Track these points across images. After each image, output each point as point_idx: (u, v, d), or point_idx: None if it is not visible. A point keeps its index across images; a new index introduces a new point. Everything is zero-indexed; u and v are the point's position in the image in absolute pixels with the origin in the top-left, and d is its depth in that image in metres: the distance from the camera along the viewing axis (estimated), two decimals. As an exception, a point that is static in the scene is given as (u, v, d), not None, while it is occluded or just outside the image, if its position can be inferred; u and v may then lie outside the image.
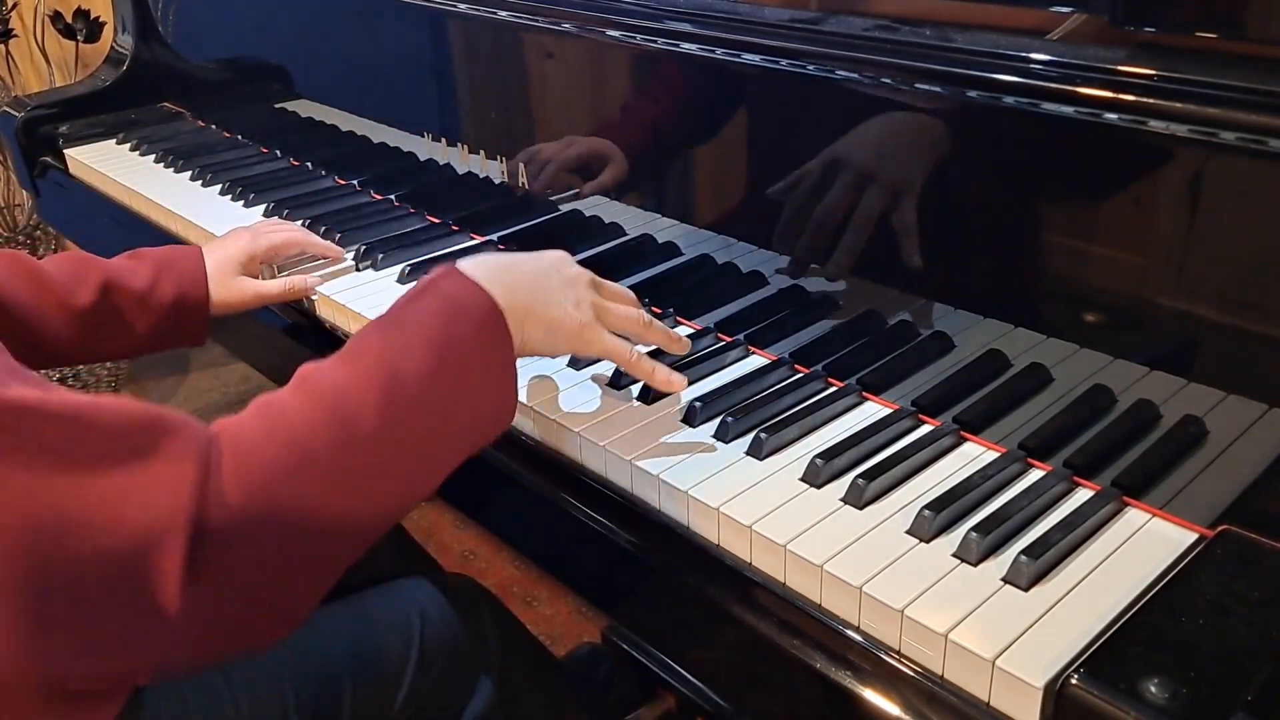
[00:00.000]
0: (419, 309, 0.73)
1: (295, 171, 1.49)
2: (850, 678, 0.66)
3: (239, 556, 0.60)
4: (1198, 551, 0.68)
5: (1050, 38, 0.74)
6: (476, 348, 0.73)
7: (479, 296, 0.74)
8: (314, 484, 0.63)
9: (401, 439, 0.67)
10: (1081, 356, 0.77)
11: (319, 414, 0.65)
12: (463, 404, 0.72)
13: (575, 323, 0.79)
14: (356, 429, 0.65)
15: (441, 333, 0.71)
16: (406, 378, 0.68)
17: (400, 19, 1.24)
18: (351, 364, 0.69)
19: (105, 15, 2.03)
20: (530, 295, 0.78)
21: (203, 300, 1.04)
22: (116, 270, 1.01)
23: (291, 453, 0.63)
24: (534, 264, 0.81)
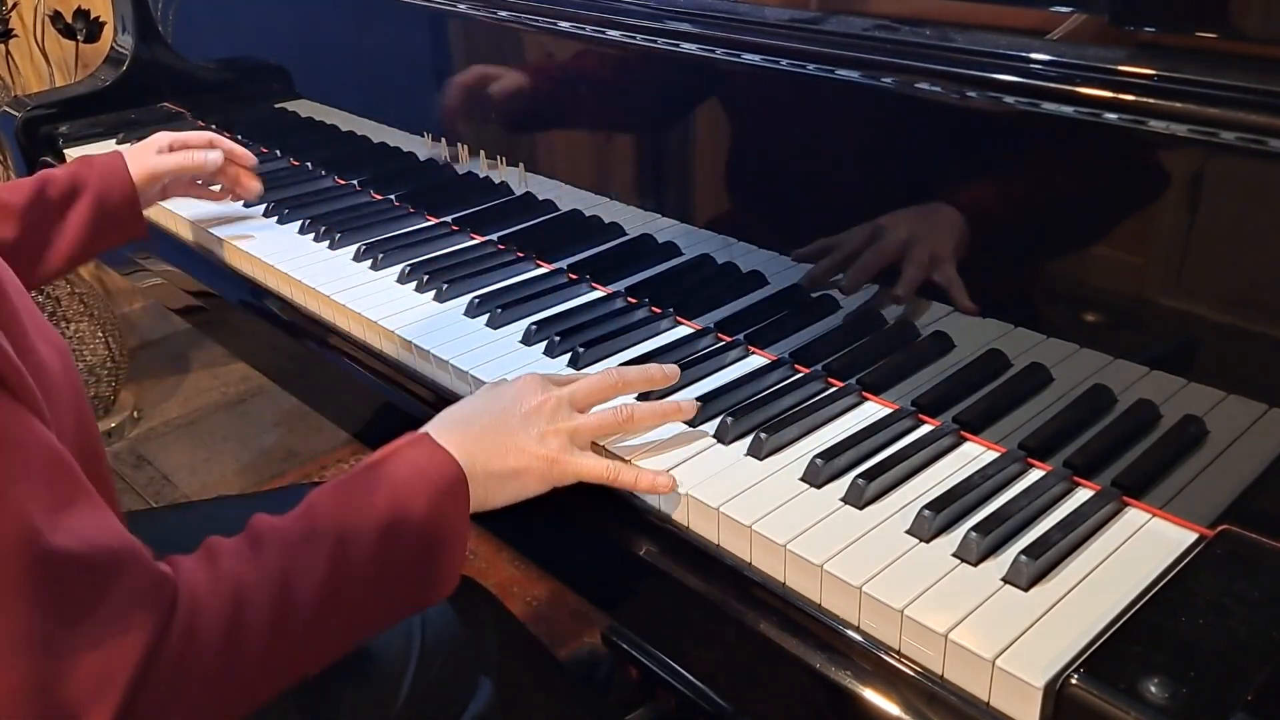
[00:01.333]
0: (380, 474, 0.73)
1: (295, 171, 1.49)
2: (850, 678, 0.66)
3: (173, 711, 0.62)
4: (1198, 551, 0.68)
5: (1050, 38, 0.74)
6: (431, 514, 0.73)
7: (442, 461, 0.75)
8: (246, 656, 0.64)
9: (336, 618, 0.69)
10: (1081, 356, 0.77)
11: (264, 586, 0.66)
12: (407, 577, 0.72)
13: (542, 462, 0.78)
14: (294, 608, 0.66)
15: (397, 500, 0.71)
16: (355, 551, 0.69)
17: (400, 19, 1.24)
18: (305, 530, 0.69)
19: (105, 15, 2.03)
20: (492, 451, 0.77)
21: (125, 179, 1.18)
22: (44, 174, 1.15)
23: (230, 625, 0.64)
24: (495, 410, 0.80)
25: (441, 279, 1.10)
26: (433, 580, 0.74)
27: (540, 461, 0.78)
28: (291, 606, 0.66)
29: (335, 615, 0.69)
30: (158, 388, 2.50)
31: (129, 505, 2.06)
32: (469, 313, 1.05)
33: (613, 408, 0.82)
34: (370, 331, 1.06)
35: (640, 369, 0.87)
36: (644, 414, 0.82)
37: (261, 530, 0.69)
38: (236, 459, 2.23)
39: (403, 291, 1.11)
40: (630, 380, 0.85)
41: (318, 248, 1.23)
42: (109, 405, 2.34)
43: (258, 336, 1.23)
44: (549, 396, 0.81)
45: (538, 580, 1.81)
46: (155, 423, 2.38)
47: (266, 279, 1.20)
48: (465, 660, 0.93)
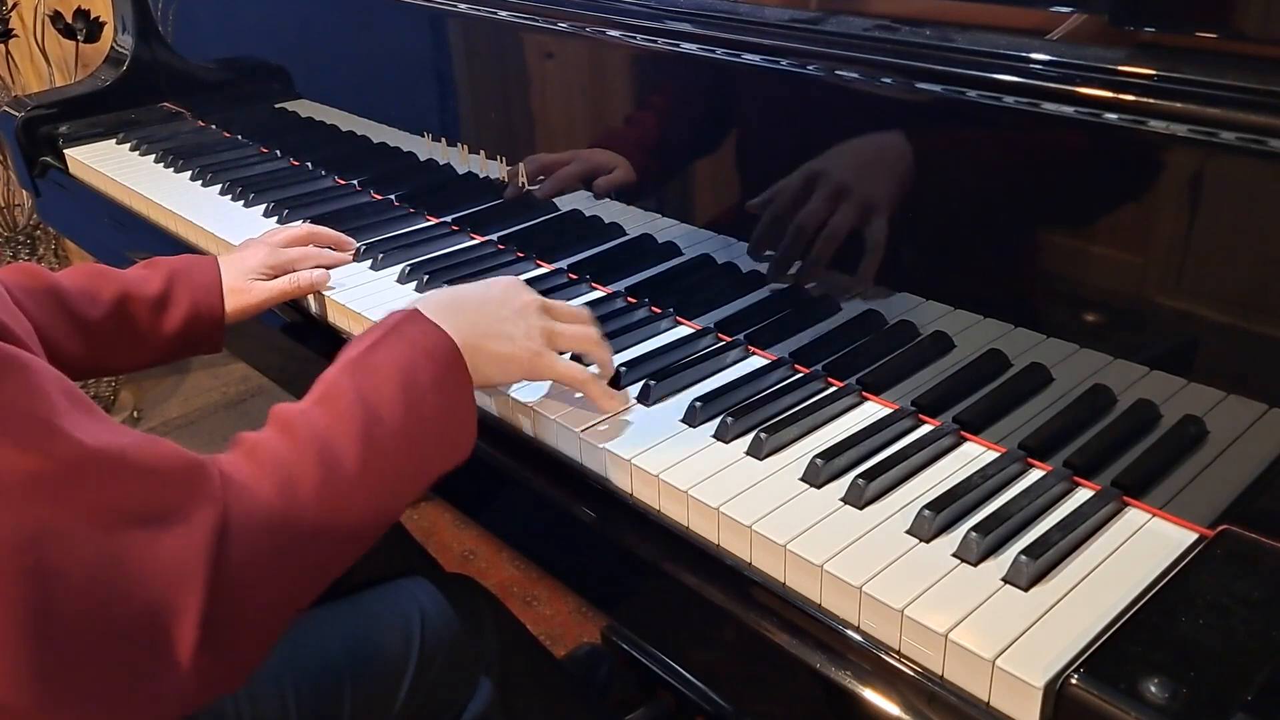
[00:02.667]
0: (384, 353, 0.76)
1: (295, 171, 1.49)
2: (850, 678, 0.66)
3: (248, 613, 0.63)
4: (1198, 551, 0.68)
5: (1050, 38, 0.74)
6: (441, 387, 0.76)
7: (439, 338, 0.78)
8: (305, 528, 0.67)
9: (379, 478, 0.71)
10: (1081, 356, 0.77)
11: (306, 460, 0.68)
12: (431, 440, 0.76)
13: (526, 353, 0.83)
14: (340, 473, 0.69)
15: (409, 376, 0.75)
16: (381, 421, 0.72)
17: (400, 19, 1.24)
18: (329, 409, 0.72)
19: (105, 15, 2.03)
20: (482, 332, 0.81)
21: (218, 308, 1.04)
22: (131, 281, 1.00)
23: (285, 500, 0.66)
24: (485, 297, 0.85)
25: (442, 279, 1.10)
26: (453, 444, 0.78)
27: (525, 353, 0.83)
28: (336, 474, 0.68)
29: (378, 477, 0.71)
30: (158, 388, 2.50)
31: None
32: (469, 313, 1.05)
33: (590, 331, 0.89)
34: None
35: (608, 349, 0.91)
36: (606, 349, 0.89)
37: (287, 416, 0.71)
38: (236, 459, 2.23)
39: (403, 291, 1.11)
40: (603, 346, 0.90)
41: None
42: (109, 405, 2.34)
43: (258, 336, 1.23)
44: (534, 299, 0.87)
45: (538, 580, 1.81)
46: (155, 423, 2.38)
47: (266, 279, 1.20)
48: (465, 660, 0.93)
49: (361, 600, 0.91)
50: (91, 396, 2.27)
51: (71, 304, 0.96)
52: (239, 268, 1.07)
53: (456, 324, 0.79)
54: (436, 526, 1.94)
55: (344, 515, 0.69)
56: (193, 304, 1.02)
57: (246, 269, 1.07)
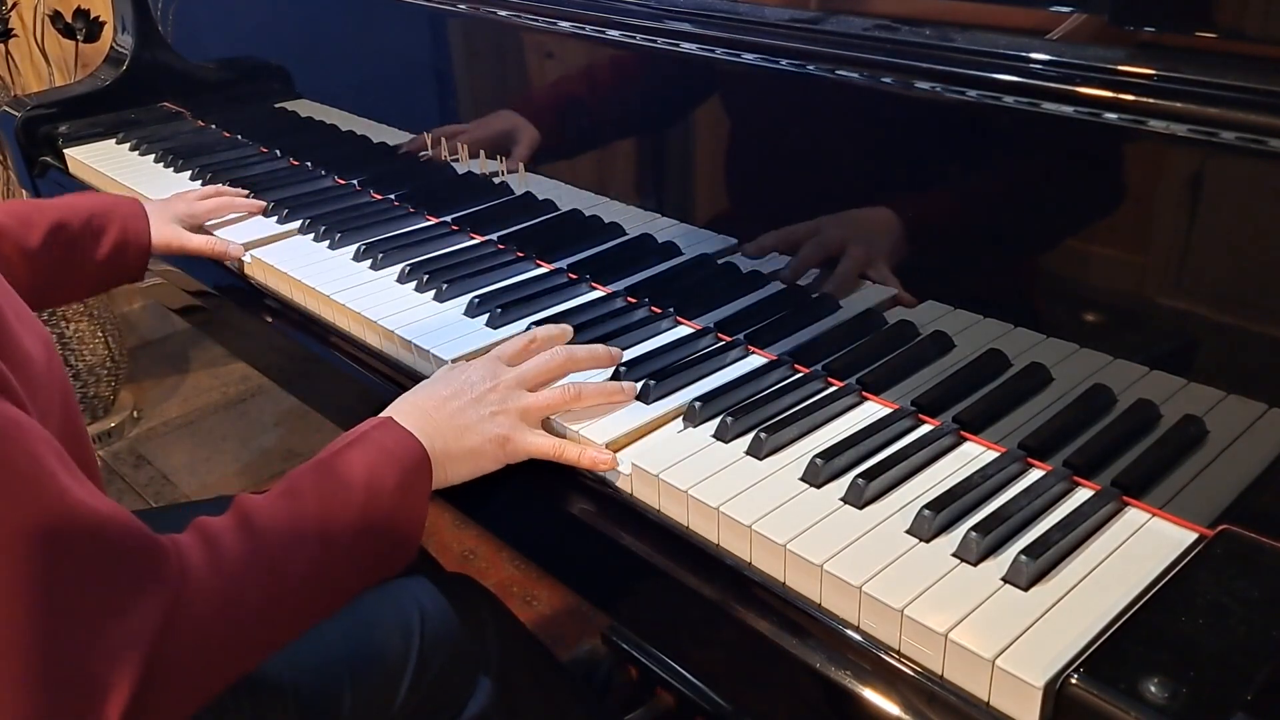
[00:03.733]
0: (354, 454, 0.78)
1: (295, 171, 1.49)
2: (850, 677, 0.66)
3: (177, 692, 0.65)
4: (1198, 551, 0.68)
5: (1050, 37, 0.74)
6: (402, 490, 0.78)
7: (409, 444, 0.80)
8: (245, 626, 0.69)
9: (323, 585, 0.74)
10: (1081, 356, 0.77)
11: (257, 565, 0.70)
12: (381, 543, 0.78)
13: (494, 442, 0.83)
14: (287, 582, 0.71)
15: (374, 478, 0.77)
16: (335, 527, 0.74)
17: (400, 19, 1.24)
18: (290, 506, 0.74)
19: (105, 15, 2.03)
20: (449, 433, 0.83)
21: (144, 236, 1.17)
22: (62, 209, 1.11)
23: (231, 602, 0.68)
24: (450, 393, 0.85)
25: (441, 279, 1.10)
26: (400, 550, 0.80)
27: (493, 443, 0.83)
28: (284, 581, 0.71)
29: (321, 585, 0.74)
30: (158, 388, 2.50)
31: (129, 505, 2.06)
32: (469, 313, 1.05)
33: (561, 387, 0.87)
34: (370, 331, 1.06)
35: (588, 348, 0.93)
36: (591, 392, 0.87)
37: (249, 511, 0.73)
38: (236, 459, 2.23)
39: (402, 291, 1.11)
40: (579, 359, 0.91)
41: (318, 248, 1.23)
42: (109, 405, 2.34)
43: (258, 336, 1.23)
44: (499, 380, 0.87)
45: (538, 580, 1.81)
46: (155, 423, 2.38)
47: (266, 279, 1.20)
48: (465, 660, 0.93)
49: (361, 600, 0.91)
50: (91, 397, 2.28)
51: (9, 234, 1.05)
52: (161, 208, 1.22)
53: (425, 430, 0.82)
54: (436, 526, 1.94)
55: (287, 615, 0.72)
56: (121, 230, 1.14)
57: (169, 211, 1.22)
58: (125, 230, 1.15)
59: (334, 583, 0.75)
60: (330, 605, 0.76)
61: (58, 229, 1.09)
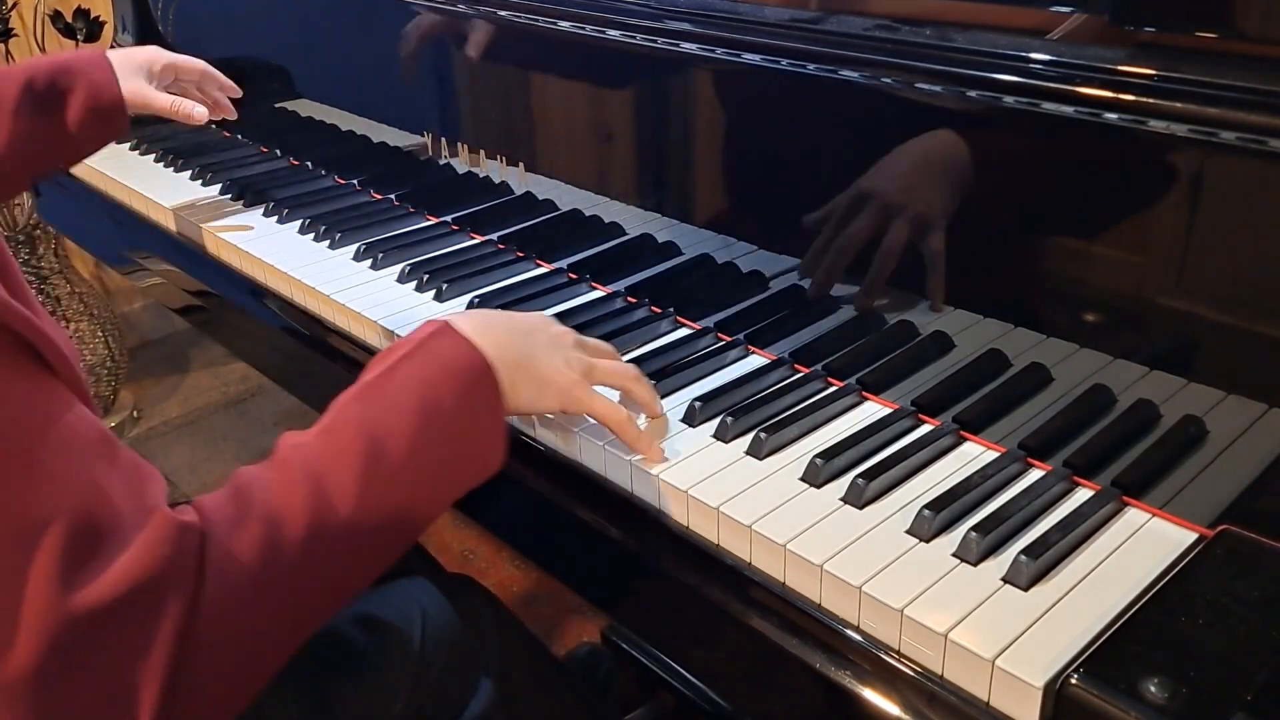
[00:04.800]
0: (405, 372, 0.71)
1: (295, 171, 1.49)
2: (850, 677, 0.66)
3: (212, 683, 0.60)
4: (1198, 551, 0.68)
5: (1050, 37, 0.74)
6: (465, 406, 0.71)
7: (469, 354, 0.73)
8: (284, 590, 0.63)
9: (379, 517, 0.67)
10: (1081, 356, 0.77)
11: (296, 498, 0.64)
12: (447, 468, 0.71)
13: (566, 379, 0.79)
14: (331, 515, 0.64)
15: (429, 397, 0.70)
16: (388, 453, 0.67)
17: (400, 19, 1.23)
18: (329, 441, 0.68)
19: (105, 15, 2.03)
20: (520, 351, 0.77)
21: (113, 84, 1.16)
22: (27, 68, 1.11)
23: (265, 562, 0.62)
24: (521, 320, 0.81)
25: (441, 279, 1.10)
26: (474, 466, 0.73)
27: (564, 379, 0.79)
28: (325, 521, 0.64)
29: (373, 521, 0.66)
30: (158, 388, 2.50)
31: (129, 505, 2.06)
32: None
33: (627, 367, 0.85)
34: (370, 331, 1.06)
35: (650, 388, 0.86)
36: (645, 390, 0.84)
37: (287, 451, 0.67)
38: (236, 459, 2.23)
39: (402, 291, 1.11)
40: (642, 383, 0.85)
41: (318, 247, 1.23)
42: (109, 405, 2.34)
43: (258, 336, 1.23)
44: (571, 332, 0.84)
45: (538, 580, 1.81)
46: (155, 422, 2.38)
47: (267, 278, 1.20)
48: (465, 660, 0.93)
49: (361, 600, 0.90)
50: (91, 396, 2.27)
51: None
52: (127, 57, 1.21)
53: (494, 340, 0.75)
54: (436, 527, 1.93)
55: (328, 563, 0.65)
56: (90, 84, 1.14)
57: (135, 62, 1.21)
58: (94, 84, 1.15)
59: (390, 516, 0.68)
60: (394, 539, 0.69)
61: (27, 86, 1.09)
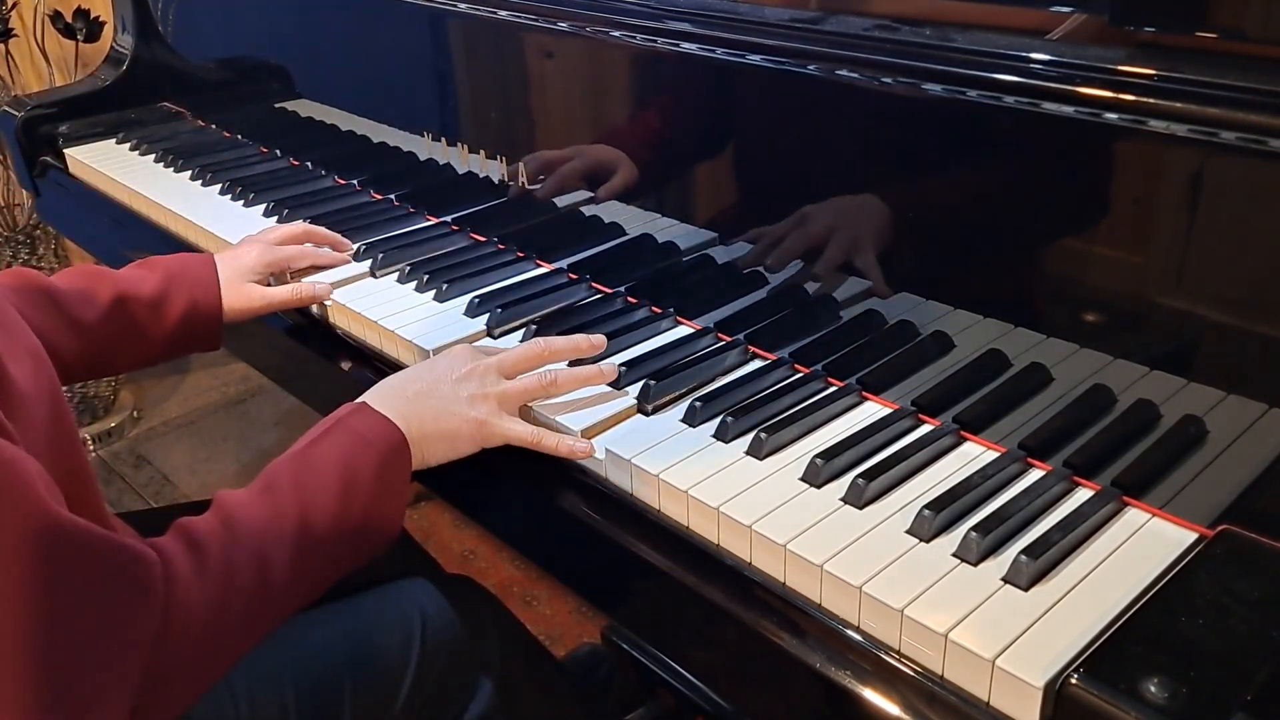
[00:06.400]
0: (329, 445, 0.79)
1: (295, 171, 1.49)
2: (850, 677, 0.66)
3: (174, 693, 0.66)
4: (1198, 551, 0.68)
5: (1050, 37, 0.74)
6: (379, 477, 0.79)
7: (384, 428, 0.81)
8: (235, 622, 0.70)
9: (307, 575, 0.75)
10: (1081, 356, 0.77)
11: (242, 564, 0.71)
12: (360, 530, 0.78)
13: (471, 424, 0.84)
14: (272, 577, 0.72)
15: (349, 468, 0.77)
16: (317, 515, 0.75)
17: (400, 19, 1.23)
18: (269, 501, 0.74)
19: (105, 15, 2.03)
20: (425, 415, 0.83)
21: (215, 307, 1.04)
22: (127, 280, 1.00)
23: (219, 602, 0.68)
24: (428, 378, 0.86)
25: (441, 279, 1.10)
26: (382, 534, 0.80)
27: (470, 424, 0.84)
28: (268, 577, 0.71)
29: (305, 577, 0.75)
30: (158, 388, 2.50)
31: (129, 505, 2.06)
32: (469, 313, 1.05)
33: (537, 374, 0.88)
34: (370, 331, 1.06)
35: (567, 338, 0.93)
36: (566, 379, 0.88)
37: (230, 511, 0.73)
38: (236, 459, 2.23)
39: (403, 291, 1.11)
40: (557, 349, 0.91)
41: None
42: (109, 405, 2.34)
43: (258, 336, 1.23)
44: (478, 364, 0.87)
45: (538, 580, 1.81)
46: (155, 423, 2.38)
47: (266, 279, 1.20)
48: (465, 660, 0.93)
49: (361, 601, 0.91)
50: (91, 396, 2.28)
51: (67, 306, 0.96)
52: (235, 266, 1.07)
53: (401, 412, 0.82)
54: (436, 526, 1.94)
55: (271, 609, 0.73)
56: (190, 303, 1.02)
57: (243, 268, 1.07)
58: (194, 302, 1.02)
59: (318, 572, 0.76)
60: (316, 591, 0.77)
61: (119, 303, 0.99)
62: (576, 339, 0.93)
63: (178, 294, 1.01)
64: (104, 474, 2.19)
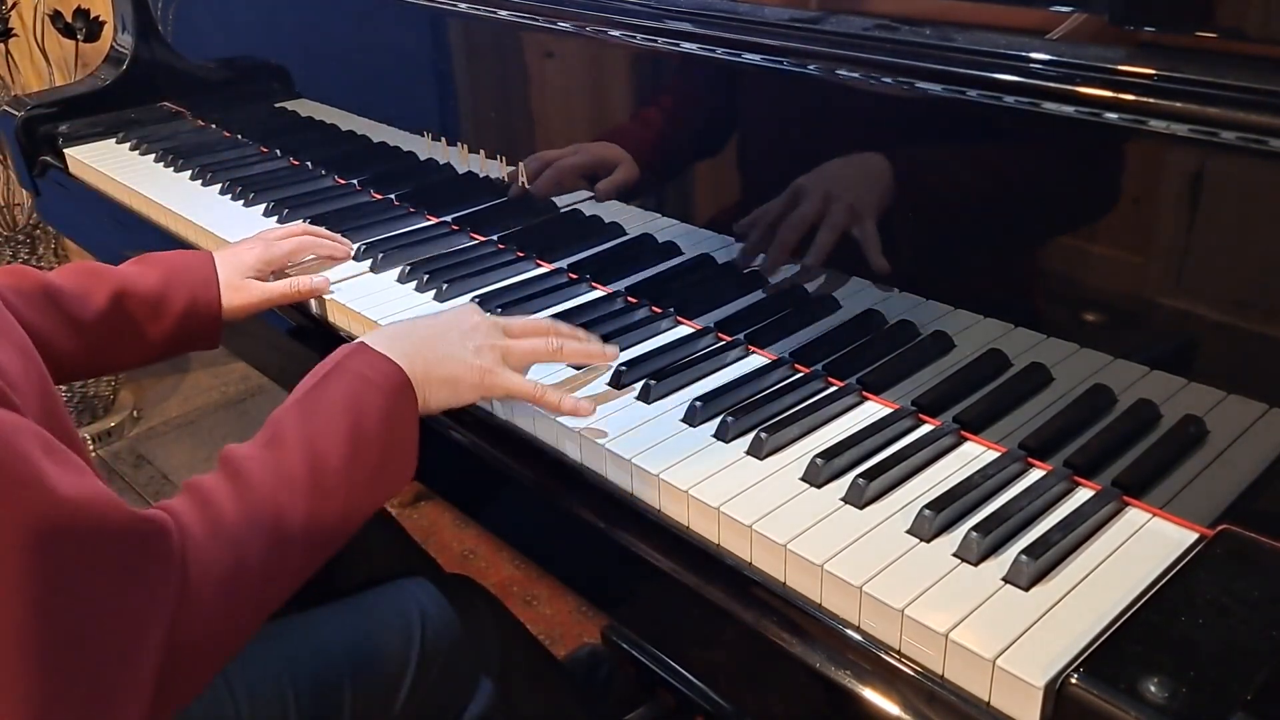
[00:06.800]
0: (332, 387, 0.77)
1: (295, 171, 1.49)
2: (850, 677, 0.66)
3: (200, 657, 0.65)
4: (1198, 551, 0.68)
5: (1050, 37, 0.74)
6: (386, 417, 0.77)
7: (386, 368, 0.79)
8: (253, 578, 0.68)
9: (322, 522, 0.73)
10: (1081, 356, 0.77)
11: (254, 515, 0.69)
12: (375, 474, 0.76)
13: (476, 371, 0.83)
14: (286, 526, 0.70)
15: (356, 409, 0.76)
16: (327, 463, 0.73)
17: (400, 19, 1.23)
18: (277, 454, 0.73)
19: (105, 15, 2.03)
20: (430, 357, 0.82)
21: (214, 305, 1.03)
22: (126, 278, 1.00)
23: (235, 557, 0.67)
24: (434, 323, 0.86)
25: (441, 279, 1.10)
26: (396, 475, 0.79)
27: (475, 371, 0.83)
28: (283, 532, 0.70)
29: (321, 528, 0.73)
30: (158, 387, 2.50)
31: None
32: (469, 312, 1.05)
33: (544, 338, 0.89)
34: (370, 331, 1.06)
35: (572, 327, 0.93)
36: (572, 350, 0.89)
37: (238, 466, 0.71)
38: (236, 459, 2.23)
39: (403, 291, 1.11)
40: (561, 330, 0.91)
41: (318, 247, 1.23)
42: (109, 405, 2.34)
43: (258, 336, 1.23)
44: (484, 320, 0.88)
45: (538, 580, 1.81)
46: (155, 422, 2.38)
47: (266, 279, 1.20)
48: (465, 660, 0.93)
49: (361, 601, 0.91)
50: (91, 396, 2.28)
51: (65, 303, 0.96)
52: (235, 264, 1.07)
53: (404, 352, 0.80)
54: (436, 526, 1.94)
55: (290, 566, 0.71)
56: (190, 301, 1.01)
57: (243, 265, 1.07)
58: (194, 300, 1.02)
59: (334, 522, 0.74)
60: (334, 544, 0.75)
61: (118, 301, 0.98)
62: (577, 330, 0.93)
63: (177, 292, 1.01)
64: (104, 474, 2.19)
